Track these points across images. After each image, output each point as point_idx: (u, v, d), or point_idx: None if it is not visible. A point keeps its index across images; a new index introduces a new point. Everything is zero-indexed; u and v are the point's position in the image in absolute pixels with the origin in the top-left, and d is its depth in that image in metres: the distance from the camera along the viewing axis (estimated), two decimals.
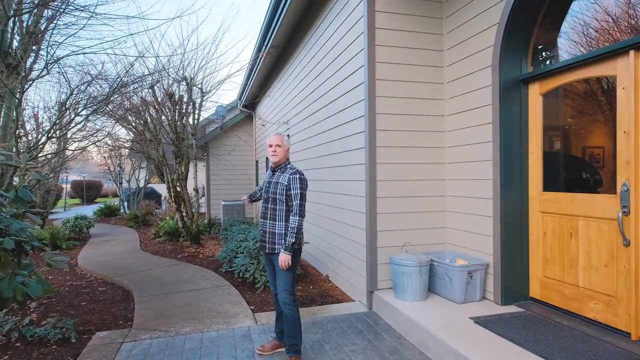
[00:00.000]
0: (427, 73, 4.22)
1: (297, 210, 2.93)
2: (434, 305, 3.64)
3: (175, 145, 8.26)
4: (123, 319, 4.27)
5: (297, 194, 2.94)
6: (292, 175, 2.98)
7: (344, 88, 4.70)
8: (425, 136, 4.22)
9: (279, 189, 3.00)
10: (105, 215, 15.35)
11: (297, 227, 2.92)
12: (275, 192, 3.01)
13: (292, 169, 3.04)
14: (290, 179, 2.97)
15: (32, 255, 8.19)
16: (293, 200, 2.94)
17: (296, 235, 2.92)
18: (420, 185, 4.20)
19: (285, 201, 2.99)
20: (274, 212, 3.04)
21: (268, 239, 3.06)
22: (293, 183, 2.95)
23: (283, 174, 3.04)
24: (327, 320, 3.89)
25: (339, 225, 4.96)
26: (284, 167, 3.10)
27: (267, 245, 3.08)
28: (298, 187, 2.95)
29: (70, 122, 4.37)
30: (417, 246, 4.12)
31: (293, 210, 2.94)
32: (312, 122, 6.14)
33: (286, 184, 2.97)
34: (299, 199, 2.94)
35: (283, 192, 2.98)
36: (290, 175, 2.98)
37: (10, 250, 1.80)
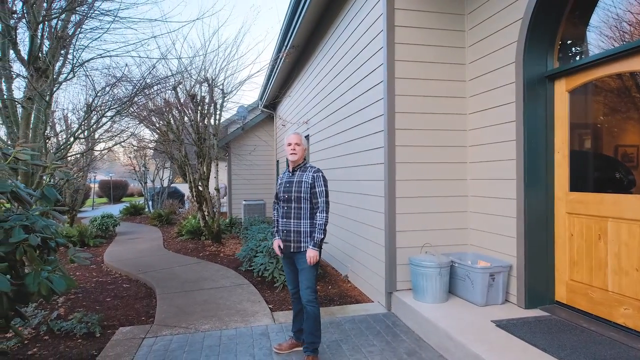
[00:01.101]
0: (448, 71, 4.14)
1: (324, 207, 3.00)
2: (455, 307, 3.56)
3: (197, 145, 8.40)
4: (145, 315, 4.37)
5: (323, 191, 3.02)
6: (315, 173, 3.06)
7: (363, 87, 4.66)
8: (446, 135, 4.13)
9: (303, 187, 3.04)
10: (130, 214, 15.77)
11: (324, 224, 2.98)
12: (300, 190, 3.04)
13: (313, 168, 3.11)
14: (315, 177, 3.04)
15: (60, 252, 8.49)
16: (318, 197, 3.01)
17: (324, 232, 2.98)
18: (441, 185, 4.12)
19: (309, 199, 3.04)
20: (298, 211, 3.06)
21: (293, 237, 3.07)
22: (317, 181, 3.03)
23: (305, 173, 3.09)
24: (345, 320, 3.86)
25: (358, 225, 4.93)
26: (303, 167, 3.15)
27: (292, 245, 3.08)
28: (322, 184, 3.03)
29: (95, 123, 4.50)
30: (437, 247, 4.05)
31: (320, 207, 3.00)
32: (331, 122, 6.12)
33: (311, 182, 3.03)
34: (324, 196, 3.02)
35: (308, 191, 3.03)
36: (314, 173, 3.06)
37: (35, 246, 1.85)
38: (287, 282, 3.28)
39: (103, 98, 4.51)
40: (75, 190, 12.18)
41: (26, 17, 4.00)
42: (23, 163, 2.11)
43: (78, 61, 4.25)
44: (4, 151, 1.92)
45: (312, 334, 3.03)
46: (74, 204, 12.07)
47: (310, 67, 7.63)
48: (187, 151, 9.23)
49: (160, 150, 11.71)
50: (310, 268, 3.01)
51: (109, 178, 26.37)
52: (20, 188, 1.96)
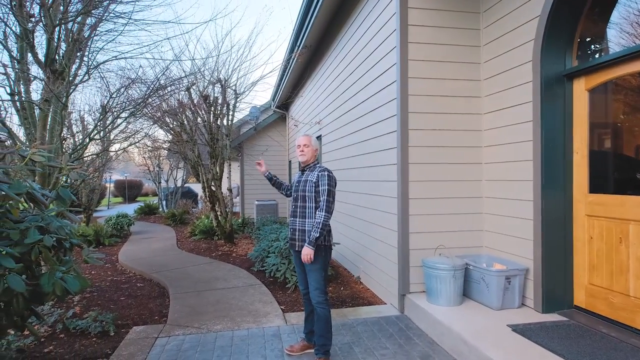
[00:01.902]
0: (463, 70, 4.07)
1: (324, 206, 2.96)
2: (469, 310, 3.50)
3: (210, 145, 8.45)
4: (158, 314, 4.40)
5: (325, 190, 2.99)
6: (320, 172, 3.05)
7: (376, 87, 4.62)
8: (461, 135, 4.07)
9: (308, 186, 3.06)
10: (145, 213, 15.98)
11: (322, 223, 2.92)
12: (305, 189, 3.07)
13: (321, 167, 3.11)
14: (319, 176, 3.04)
15: (77, 251, 8.64)
16: (320, 196, 3.00)
17: (320, 231, 2.92)
18: (455, 186, 4.05)
19: (314, 198, 3.04)
20: (303, 210, 3.08)
21: (298, 236, 3.10)
22: (321, 179, 3.02)
23: (312, 172, 3.11)
24: (357, 322, 3.83)
25: (371, 227, 4.88)
26: (313, 166, 3.17)
27: (297, 243, 3.10)
28: (326, 183, 3.00)
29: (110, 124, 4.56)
30: (451, 249, 3.98)
31: (320, 205, 2.98)
32: (343, 122, 6.09)
33: (315, 180, 3.04)
34: (326, 195, 2.98)
35: (312, 189, 3.03)
36: (319, 172, 3.06)
37: (49, 247, 1.87)
38: (299, 282, 3.28)
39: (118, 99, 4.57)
40: (91, 190, 12.39)
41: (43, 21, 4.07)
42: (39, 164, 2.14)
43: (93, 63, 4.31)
44: (21, 153, 1.94)
45: (322, 336, 3.02)
46: (90, 204, 12.28)
47: (322, 68, 7.61)
48: (200, 151, 9.30)
49: (174, 150, 11.83)
50: (318, 269, 2.99)
51: (124, 178, 26.78)
52: (35, 189, 1.98)
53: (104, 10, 4.90)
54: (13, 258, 1.77)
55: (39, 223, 2.00)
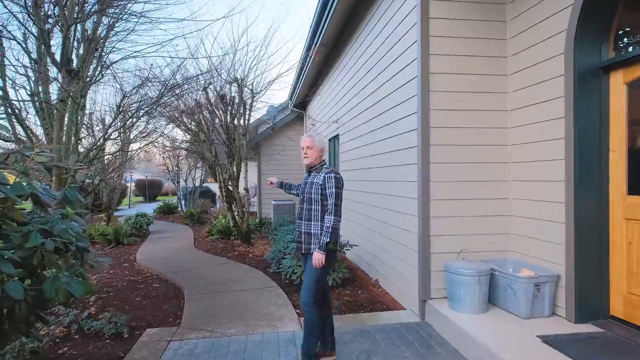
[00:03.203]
0: (488, 64, 3.85)
1: (333, 210, 2.86)
2: (495, 319, 3.29)
3: (226, 145, 8.41)
4: (173, 316, 4.34)
5: (332, 193, 2.88)
6: (327, 174, 2.93)
7: (396, 84, 4.45)
8: (486, 133, 3.85)
9: (314, 188, 2.96)
10: (164, 212, 16.14)
11: (332, 227, 2.83)
12: (311, 192, 2.97)
13: (327, 169, 3.00)
14: (326, 178, 2.92)
15: (96, 250, 8.74)
16: (328, 199, 2.89)
17: (331, 235, 2.82)
18: (479, 187, 3.84)
19: (320, 201, 2.93)
20: (309, 213, 2.99)
21: (304, 239, 3.02)
22: (328, 182, 2.90)
23: (318, 174, 3.01)
24: (375, 329, 3.66)
25: (390, 228, 4.71)
26: (319, 168, 3.07)
27: (302, 246, 3.03)
28: (333, 185, 2.89)
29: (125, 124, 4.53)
30: (475, 253, 3.77)
31: (328, 209, 2.88)
32: (361, 121, 5.92)
33: (321, 183, 2.93)
34: (334, 197, 2.87)
35: (318, 192, 2.93)
36: (326, 174, 2.94)
37: (51, 250, 1.79)
38: None
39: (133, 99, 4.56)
40: (112, 190, 12.58)
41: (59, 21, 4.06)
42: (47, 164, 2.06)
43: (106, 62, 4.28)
44: (24, 153, 1.87)
45: (306, 340, 2.93)
46: (111, 203, 12.47)
47: (340, 65, 7.46)
48: (217, 151, 9.29)
49: (192, 150, 11.88)
50: (314, 270, 2.88)
51: (145, 177, 27.23)
52: (39, 191, 1.91)
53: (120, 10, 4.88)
54: (14, 263, 1.69)
55: (43, 226, 1.92)
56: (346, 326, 3.72)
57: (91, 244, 9.50)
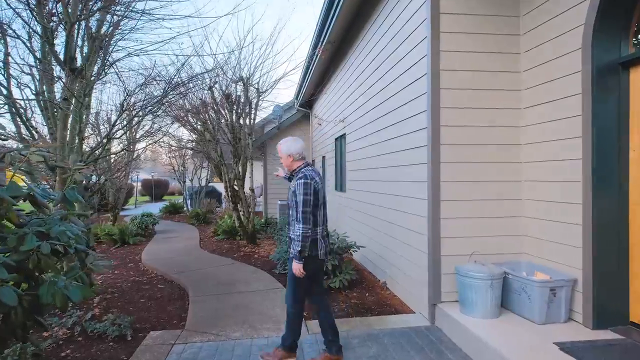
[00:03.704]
0: (500, 61, 3.73)
1: (300, 217, 2.78)
2: (508, 324, 3.18)
3: (232, 145, 8.35)
4: (177, 318, 4.28)
5: (301, 200, 2.80)
6: (298, 180, 2.87)
7: (404, 81, 4.34)
8: (497, 132, 3.73)
9: (290, 195, 2.96)
10: (170, 212, 16.14)
11: (301, 235, 2.77)
12: (290, 199, 2.94)
13: (300, 174, 2.92)
14: (297, 185, 2.85)
15: (102, 250, 8.71)
16: (297, 206, 2.82)
17: (302, 244, 2.77)
18: (491, 187, 3.73)
19: (295, 207, 2.86)
20: (290, 218, 2.98)
21: (290, 245, 3.01)
22: (298, 188, 2.83)
23: (294, 180, 2.95)
24: (384, 333, 3.56)
25: (398, 230, 4.60)
26: (297, 172, 3.01)
27: (290, 250, 3.01)
28: (302, 192, 2.80)
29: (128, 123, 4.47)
30: (487, 255, 3.66)
31: (297, 217, 2.82)
32: (368, 120, 5.82)
33: (293, 190, 2.89)
34: (302, 205, 2.79)
35: (293, 198, 2.88)
36: (297, 179, 2.88)
37: (47, 254, 1.72)
38: None
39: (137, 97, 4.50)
40: (118, 190, 12.58)
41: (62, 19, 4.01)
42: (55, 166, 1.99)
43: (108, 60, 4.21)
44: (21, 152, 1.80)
45: (286, 331, 3.07)
46: (117, 203, 12.47)
47: (346, 64, 7.36)
48: (222, 151, 9.23)
49: (197, 150, 11.84)
50: (292, 277, 2.93)
51: (151, 177, 27.30)
52: (35, 191, 1.83)
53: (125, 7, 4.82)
54: (9, 267, 1.61)
55: (39, 228, 1.85)
56: (354, 330, 3.63)
57: (97, 243, 9.49)
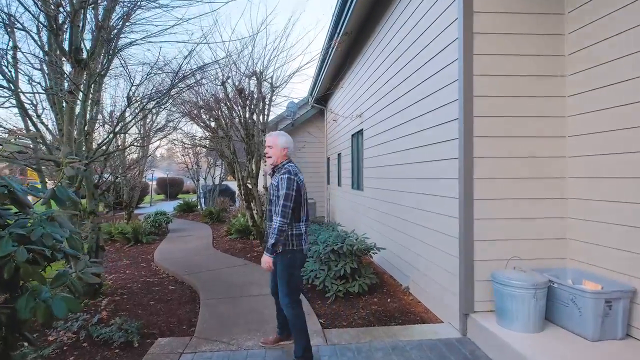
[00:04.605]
0: (540, 43, 3.35)
1: (280, 211, 2.82)
2: (555, 340, 2.81)
3: (245, 142, 8.09)
4: (187, 323, 4.03)
5: (283, 194, 2.84)
6: (282, 175, 2.92)
7: (431, 69, 3.99)
8: (538, 123, 3.36)
9: (272, 190, 2.99)
10: (184, 211, 16.03)
11: (277, 228, 2.80)
12: (272, 193, 2.98)
13: (285, 169, 2.97)
14: (280, 179, 2.91)
15: (116, 249, 8.57)
16: (279, 200, 2.86)
17: (276, 237, 2.80)
18: (531, 184, 3.35)
19: (277, 201, 2.90)
20: (270, 213, 2.99)
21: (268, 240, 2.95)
22: (281, 182, 2.89)
23: (278, 175, 2.98)
24: (411, 345, 3.23)
25: (423, 231, 4.25)
26: (280, 167, 3.03)
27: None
28: (285, 187, 2.86)
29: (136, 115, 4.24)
30: (526, 261, 3.29)
31: (277, 210, 2.85)
32: (388, 114, 5.48)
33: (276, 185, 2.94)
34: (283, 199, 2.84)
35: (276, 193, 2.93)
36: (281, 175, 2.93)
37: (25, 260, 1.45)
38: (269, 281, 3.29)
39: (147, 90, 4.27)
40: (132, 188, 12.51)
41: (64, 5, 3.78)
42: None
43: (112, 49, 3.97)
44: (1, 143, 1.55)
45: (296, 339, 3.00)
46: (131, 201, 12.40)
47: (364, 56, 7.02)
48: (235, 148, 8.99)
49: (210, 147, 11.66)
50: (282, 272, 2.94)
51: (166, 175, 27.39)
52: (14, 187, 1.57)
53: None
54: None
55: (21, 230, 1.58)
56: (377, 341, 3.31)
57: (111, 242, 9.37)
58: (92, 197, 5.23)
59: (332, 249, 4.64)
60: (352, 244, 4.67)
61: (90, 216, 5.23)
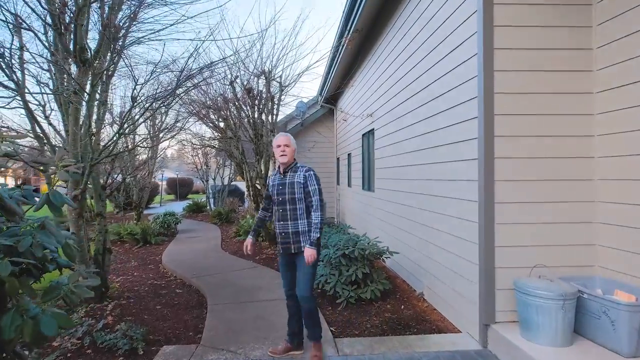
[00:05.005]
0: (566, 37, 3.15)
1: (318, 206, 3.02)
2: (585, 355, 2.61)
3: (253, 142, 7.97)
4: (193, 329, 3.90)
5: (316, 189, 3.04)
6: (307, 172, 3.08)
7: (447, 66, 3.80)
8: (563, 121, 3.15)
9: (296, 188, 3.05)
10: (193, 211, 16.00)
11: (320, 222, 2.99)
12: (293, 192, 3.05)
13: (304, 167, 3.13)
14: (307, 177, 3.06)
15: (125, 250, 8.51)
16: (312, 196, 3.03)
17: (320, 230, 2.98)
18: (556, 187, 3.15)
19: (303, 199, 3.05)
20: (294, 212, 3.06)
21: (292, 239, 3.07)
22: (310, 180, 3.05)
23: (296, 174, 3.09)
24: (427, 357, 3.05)
25: (439, 235, 4.06)
26: (294, 167, 3.14)
27: (292, 246, 3.08)
28: (315, 183, 3.06)
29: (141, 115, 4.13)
30: (552, 268, 3.08)
31: (314, 205, 3.02)
32: (401, 113, 5.29)
33: (303, 182, 3.04)
34: (318, 194, 3.04)
35: (301, 191, 3.04)
36: (306, 172, 3.08)
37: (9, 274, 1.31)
38: (283, 283, 3.25)
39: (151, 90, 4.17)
40: (141, 189, 12.48)
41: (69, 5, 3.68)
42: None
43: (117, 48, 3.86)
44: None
45: (313, 328, 3.10)
46: (140, 202, 12.37)
47: (375, 53, 6.83)
48: (244, 148, 8.87)
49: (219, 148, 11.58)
50: (314, 266, 3.03)
51: (176, 176, 27.47)
52: (2, 195, 1.44)
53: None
54: None
55: (7, 241, 1.45)
56: (391, 353, 3.13)
57: (120, 243, 9.33)
58: (100, 199, 5.14)
59: (343, 253, 4.48)
60: (364, 248, 4.50)
61: (98, 218, 5.15)
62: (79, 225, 4.35)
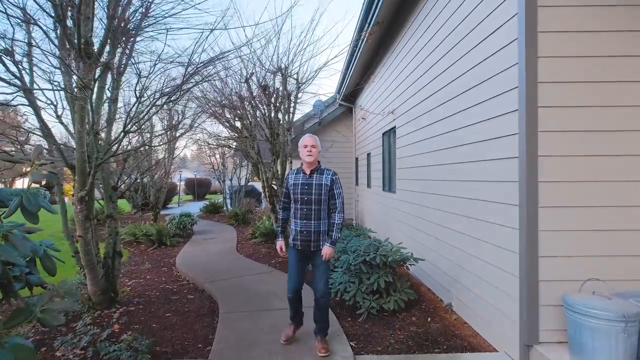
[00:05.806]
0: (624, 16, 2.74)
1: (342, 208, 3.21)
2: None
3: (270, 142, 7.70)
4: (203, 340, 3.64)
5: (340, 193, 3.24)
6: (334, 176, 3.26)
7: (480, 54, 3.43)
8: (620, 113, 2.74)
9: (323, 190, 3.20)
10: (210, 212, 15.90)
11: (342, 224, 3.19)
12: (320, 193, 3.19)
13: (329, 171, 3.29)
14: (333, 180, 3.24)
15: (140, 251, 8.38)
16: (336, 199, 3.22)
17: (341, 231, 3.20)
18: (612, 188, 2.74)
19: (327, 200, 3.23)
20: (318, 212, 3.20)
21: (314, 237, 3.20)
22: (336, 183, 3.23)
23: (322, 175, 3.24)
24: None
25: (471, 242, 3.68)
26: (320, 169, 3.28)
27: (312, 244, 3.21)
28: (340, 187, 3.25)
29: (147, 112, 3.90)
30: (606, 282, 2.68)
31: (337, 208, 3.20)
32: (427, 108, 4.92)
33: (329, 184, 3.21)
34: (342, 197, 3.24)
35: (327, 193, 3.21)
36: (332, 176, 3.25)
37: None
38: (292, 279, 3.31)
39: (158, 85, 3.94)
40: (158, 190, 12.41)
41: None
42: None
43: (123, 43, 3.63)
44: None
45: (325, 322, 3.26)
46: (157, 202, 12.29)
47: (398, 46, 6.46)
48: (260, 148, 8.62)
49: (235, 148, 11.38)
50: (326, 263, 3.19)
51: (194, 176, 27.59)
52: None
53: None
54: None
55: None
56: None
57: (135, 244, 9.21)
58: (110, 200, 4.95)
59: (363, 260, 4.14)
60: (387, 254, 4.15)
61: (108, 220, 4.96)
62: (86, 228, 4.15)
